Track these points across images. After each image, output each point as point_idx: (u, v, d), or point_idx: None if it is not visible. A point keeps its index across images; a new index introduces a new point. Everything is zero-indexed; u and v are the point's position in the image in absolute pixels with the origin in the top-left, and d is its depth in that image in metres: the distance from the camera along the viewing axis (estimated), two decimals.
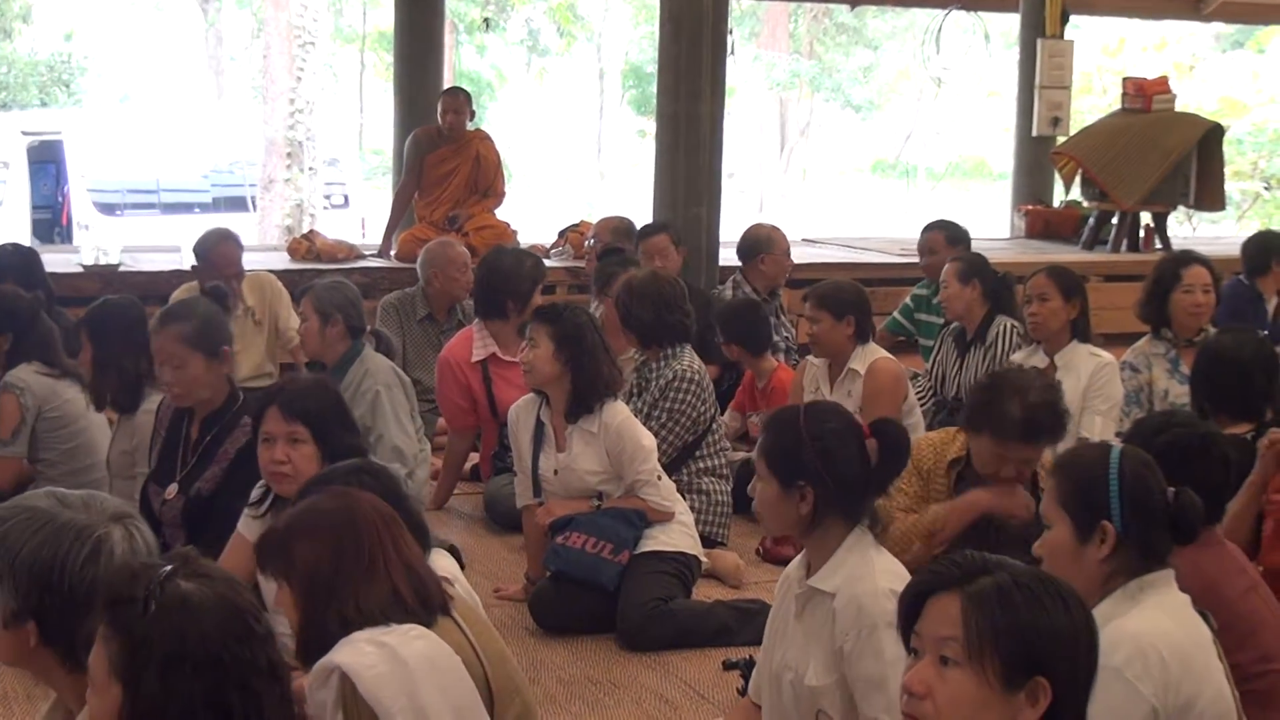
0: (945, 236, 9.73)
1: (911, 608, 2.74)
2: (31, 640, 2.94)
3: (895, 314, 9.72)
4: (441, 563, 4.18)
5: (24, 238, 14.99)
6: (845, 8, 28.91)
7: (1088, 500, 3.55)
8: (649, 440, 6.23)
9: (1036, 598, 2.63)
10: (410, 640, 3.34)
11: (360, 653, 3.27)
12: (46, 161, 18.45)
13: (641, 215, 10.62)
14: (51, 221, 17.84)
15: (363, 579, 3.38)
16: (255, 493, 5.12)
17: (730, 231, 10.61)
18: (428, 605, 3.47)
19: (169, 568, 2.60)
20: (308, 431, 4.81)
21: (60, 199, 18.20)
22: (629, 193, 17.64)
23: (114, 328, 6.47)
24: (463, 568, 4.70)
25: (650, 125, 20.26)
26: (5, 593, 2.95)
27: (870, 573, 3.92)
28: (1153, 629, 3.40)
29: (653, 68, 16.10)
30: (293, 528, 3.47)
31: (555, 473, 6.21)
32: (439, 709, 3.29)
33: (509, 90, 34.44)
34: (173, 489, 5.87)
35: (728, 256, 10.26)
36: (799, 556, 4.16)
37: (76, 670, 2.88)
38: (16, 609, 2.93)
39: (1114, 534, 3.52)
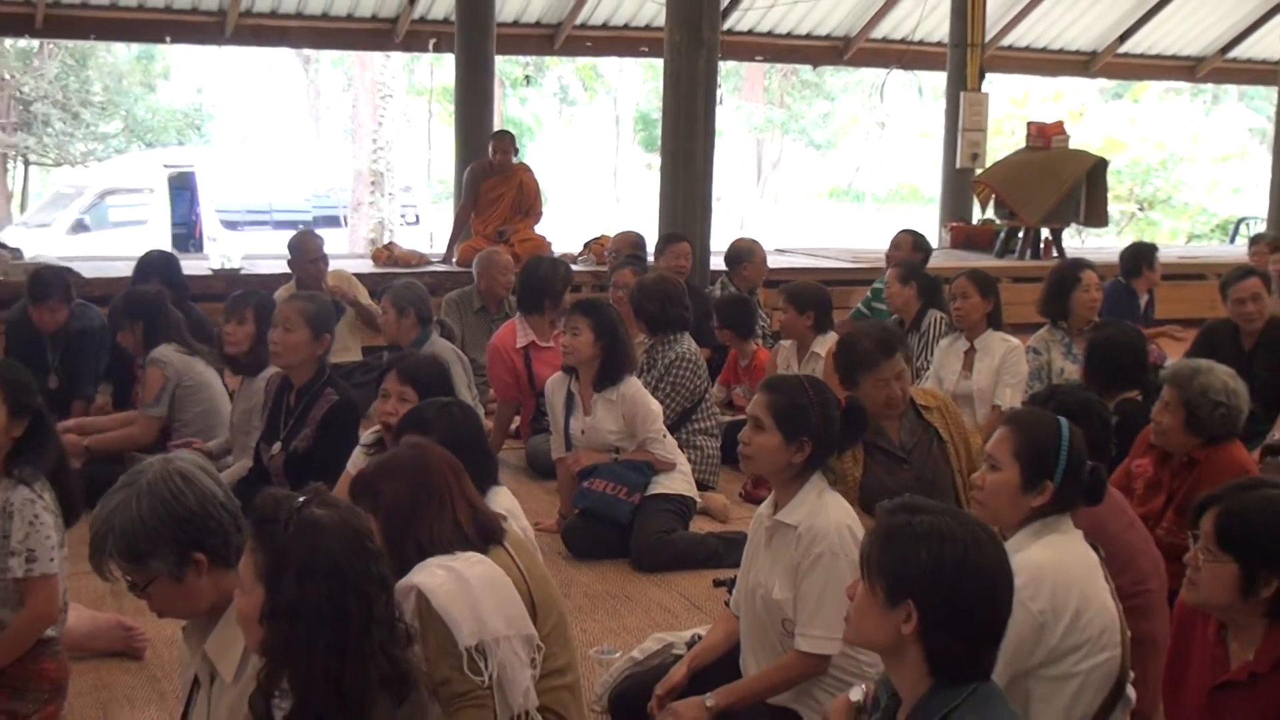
0: (913, 241, 9.85)
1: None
2: (204, 571, 2.98)
3: (860, 304, 9.66)
4: (502, 500, 4.19)
5: (165, 248, 14.99)
6: (809, 67, 28.89)
7: (1041, 461, 3.50)
8: (656, 407, 6.30)
9: (918, 539, 2.60)
10: (472, 565, 3.33)
11: (433, 575, 3.26)
12: (182, 188, 18.47)
13: (650, 231, 10.63)
14: (187, 235, 17.85)
15: (434, 514, 3.37)
16: (369, 437, 5.23)
17: (719, 243, 10.60)
18: (485, 536, 3.46)
19: (304, 497, 2.63)
20: (414, 392, 4.85)
21: (193, 218, 18.23)
22: (639, 213, 17.63)
23: (269, 309, 6.50)
24: None
25: (655, 160, 20.28)
26: (162, 559, 2.95)
27: (825, 509, 3.92)
28: (1046, 560, 3.37)
29: (658, 115, 16.04)
30: (378, 472, 3.46)
31: (582, 432, 6.25)
32: (494, 618, 3.27)
33: (544, 133, 34.45)
34: (277, 446, 5.93)
35: (717, 263, 10.24)
36: (769, 497, 4.14)
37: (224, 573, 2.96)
38: (177, 557, 2.96)
39: (1052, 490, 3.49)
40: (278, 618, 2.53)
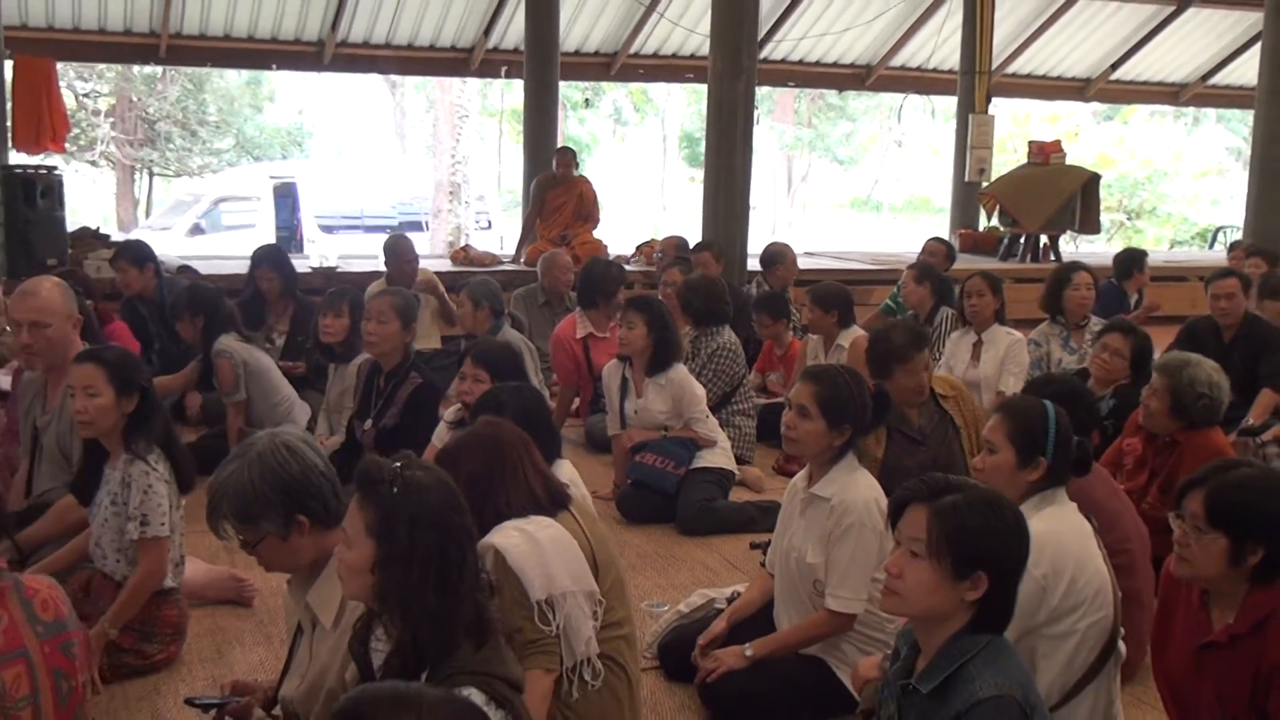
0: (945, 250, 9.90)
1: (895, 512, 2.70)
2: (307, 531, 3.01)
3: (888, 299, 9.62)
4: (565, 471, 4.20)
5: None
6: (834, 92, 28.75)
7: (1032, 441, 3.48)
8: (700, 390, 6.27)
9: (982, 513, 2.58)
10: (543, 528, 3.33)
11: (508, 536, 3.26)
12: (285, 196, 18.54)
13: (693, 236, 10.59)
14: (289, 238, 17.91)
15: (508, 482, 3.37)
16: (452, 414, 5.25)
17: (754, 247, 10.57)
18: (554, 502, 3.45)
19: (401, 463, 2.64)
20: (487, 375, 4.86)
21: (295, 222, 18.30)
22: (683, 221, 17.59)
23: (360, 304, 6.52)
24: None
25: (698, 174, 20.27)
26: (270, 520, 2.97)
27: (855, 484, 3.92)
28: (1046, 530, 3.32)
29: (701, 134, 16.05)
30: (460, 446, 3.46)
31: (635, 412, 6.23)
32: (562, 576, 3.27)
33: (600, 149, 34.41)
34: (368, 423, 5.94)
35: (753, 264, 10.20)
36: (802, 472, 4.14)
37: (323, 533, 3.00)
38: (284, 519, 2.99)
39: (1045, 465, 3.47)
40: (392, 564, 2.54)
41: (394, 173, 23.18)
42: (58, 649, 2.43)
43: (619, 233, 14.43)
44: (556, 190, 11.60)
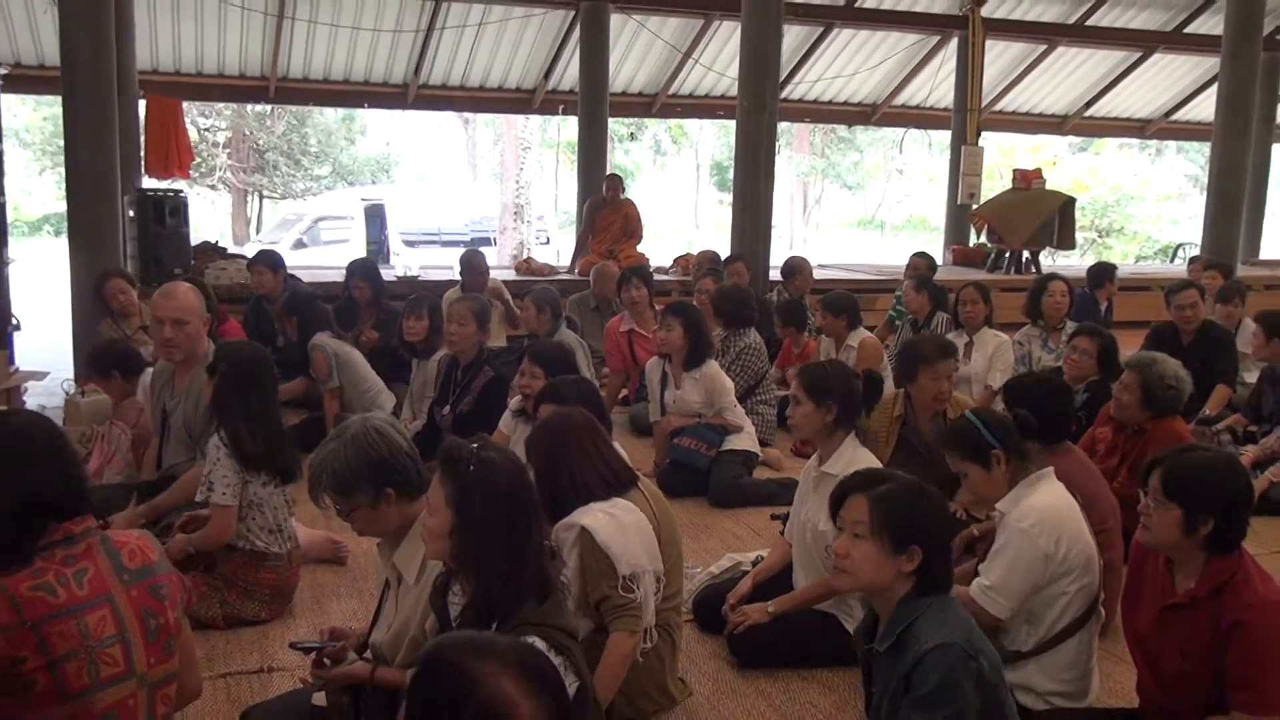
0: (928, 263, 9.80)
1: (836, 502, 2.70)
2: (393, 501, 3.00)
3: (890, 309, 9.57)
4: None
5: (364, 258, 15.16)
6: (844, 127, 28.63)
7: (977, 447, 3.46)
8: (729, 383, 6.25)
9: (911, 498, 2.59)
10: (627, 512, 3.33)
11: (595, 517, 3.26)
12: (375, 216, 18.61)
13: (723, 250, 10.54)
14: (378, 251, 17.98)
15: (580, 462, 3.36)
16: (516, 404, 5.22)
17: (775, 260, 10.53)
18: (623, 481, 3.44)
19: (476, 444, 2.64)
20: (541, 371, 4.83)
21: (383, 237, 18.37)
22: (714, 238, 17.53)
23: (438, 309, 6.60)
24: None
25: (727, 197, 20.27)
26: (363, 492, 2.98)
27: (859, 461, 3.90)
28: (1046, 504, 3.34)
29: (729, 163, 15.99)
30: (541, 431, 3.46)
31: (673, 402, 6.21)
32: (639, 553, 3.27)
33: (642, 176, 34.45)
34: (446, 409, 5.94)
35: (774, 275, 10.15)
36: (815, 454, 4.12)
37: (408, 503, 3.00)
38: (374, 491, 2.98)
39: (1002, 455, 3.44)
40: (467, 531, 2.54)
41: (467, 195, 23.24)
42: (146, 591, 2.45)
43: (659, 247, 14.40)
44: (605, 211, 11.60)
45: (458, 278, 8.97)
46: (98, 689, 2.31)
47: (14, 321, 8.16)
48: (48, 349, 9.22)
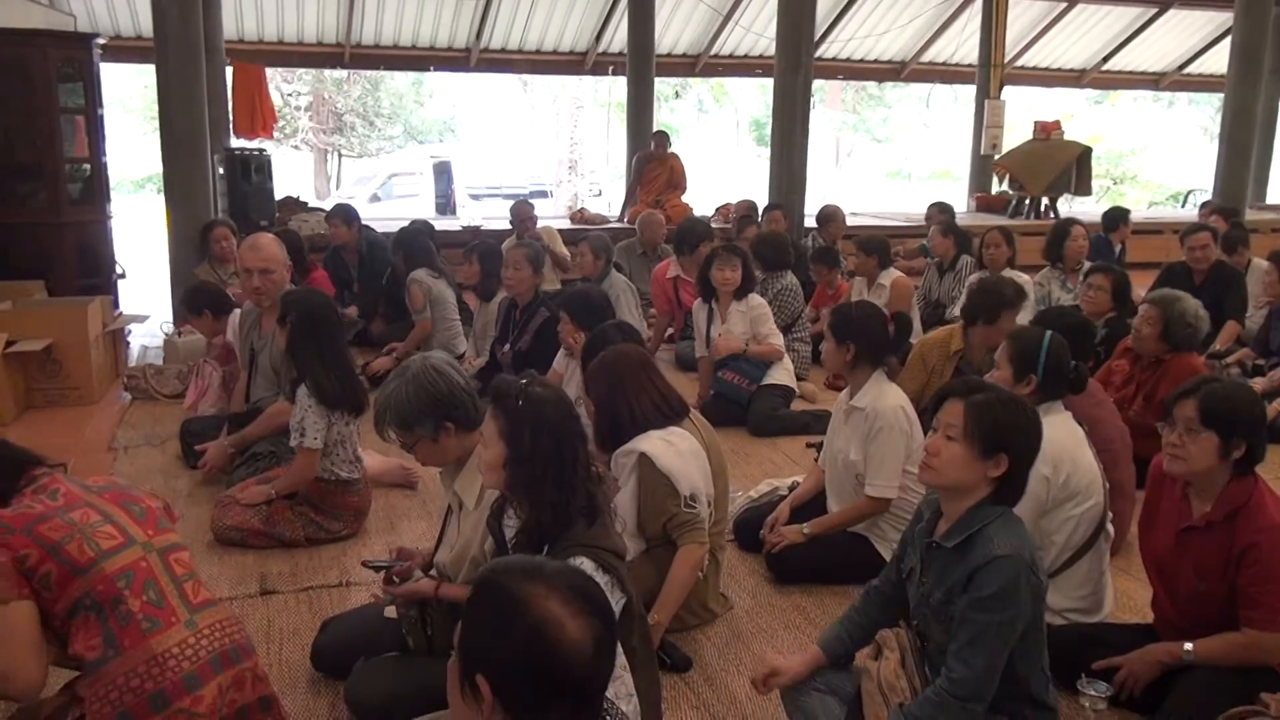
0: (941, 211, 9.61)
1: (935, 404, 2.58)
2: (453, 434, 2.97)
3: (922, 244, 9.45)
4: None
5: (430, 213, 15.14)
6: (875, 84, 28.07)
7: (1025, 361, 3.41)
8: (770, 311, 6.18)
9: (1005, 408, 2.47)
10: (683, 439, 3.32)
11: (654, 444, 3.25)
12: (442, 172, 18.58)
13: (761, 200, 10.38)
14: (445, 204, 17.96)
15: (635, 392, 3.34)
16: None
17: (810, 208, 10.35)
18: (677, 410, 3.42)
19: (526, 380, 2.57)
20: (569, 317, 4.69)
21: (450, 192, 18.35)
22: (753, 188, 17.24)
23: (490, 254, 6.54)
24: None
25: (764, 151, 19.84)
26: (424, 426, 2.94)
27: (884, 395, 3.85)
28: (1050, 436, 3.18)
29: (767, 119, 15.71)
30: (597, 367, 3.44)
31: (719, 335, 6.09)
32: (695, 477, 3.26)
33: (687, 132, 34.03)
34: (506, 347, 5.90)
35: (810, 222, 9.98)
36: (846, 389, 4.04)
37: (466, 435, 2.97)
38: (435, 425, 2.96)
39: (1035, 382, 3.38)
40: (519, 462, 2.48)
41: (525, 152, 23.14)
42: (118, 494, 2.51)
43: (702, 198, 14.20)
44: (652, 165, 11.46)
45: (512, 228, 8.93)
46: (105, 557, 2.33)
47: (119, 270, 8.22)
48: (149, 295, 9.30)
